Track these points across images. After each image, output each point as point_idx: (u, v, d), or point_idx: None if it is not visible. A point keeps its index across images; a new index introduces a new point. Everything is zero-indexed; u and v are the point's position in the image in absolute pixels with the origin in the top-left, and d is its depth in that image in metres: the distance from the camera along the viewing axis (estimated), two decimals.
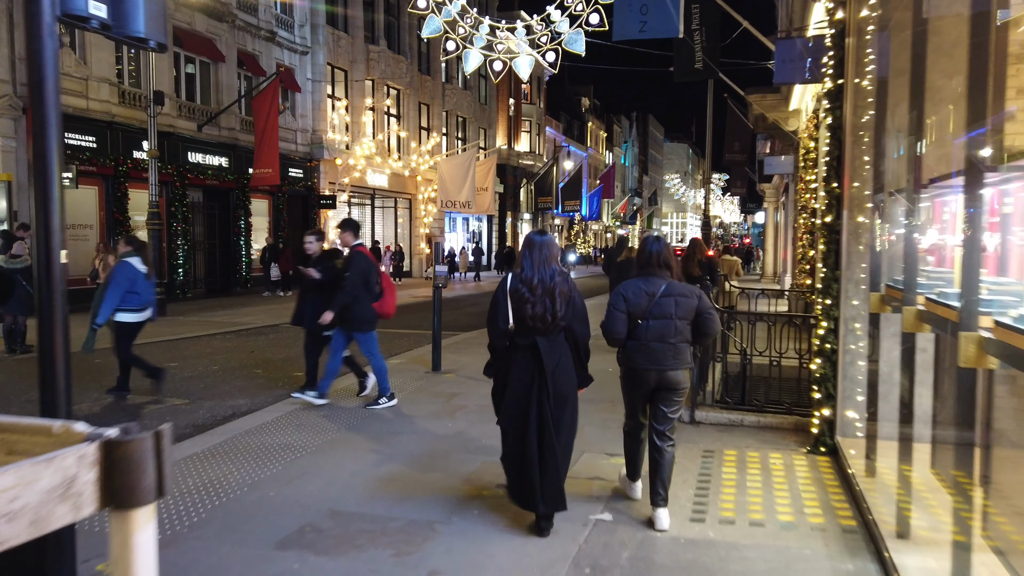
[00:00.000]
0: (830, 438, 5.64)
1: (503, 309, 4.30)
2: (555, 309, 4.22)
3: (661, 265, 4.50)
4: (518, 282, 4.28)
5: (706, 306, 4.47)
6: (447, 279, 8.82)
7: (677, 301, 4.40)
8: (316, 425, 6.62)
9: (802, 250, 15.65)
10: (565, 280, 4.31)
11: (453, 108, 38.84)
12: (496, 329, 4.37)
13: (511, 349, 4.34)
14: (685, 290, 4.47)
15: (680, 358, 4.42)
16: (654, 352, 4.38)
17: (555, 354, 4.26)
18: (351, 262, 7.39)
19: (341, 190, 28.43)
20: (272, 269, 22.65)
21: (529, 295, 4.22)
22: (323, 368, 7.59)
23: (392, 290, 7.91)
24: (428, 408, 7.36)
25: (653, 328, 4.38)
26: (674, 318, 4.39)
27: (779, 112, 16.30)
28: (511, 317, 4.26)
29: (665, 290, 4.40)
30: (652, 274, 4.49)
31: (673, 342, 4.39)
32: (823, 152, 5.86)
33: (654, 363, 4.39)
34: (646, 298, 4.39)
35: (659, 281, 4.44)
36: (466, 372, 9.44)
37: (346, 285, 7.25)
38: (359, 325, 7.49)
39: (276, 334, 13.79)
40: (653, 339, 4.39)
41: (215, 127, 22.72)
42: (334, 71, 29.01)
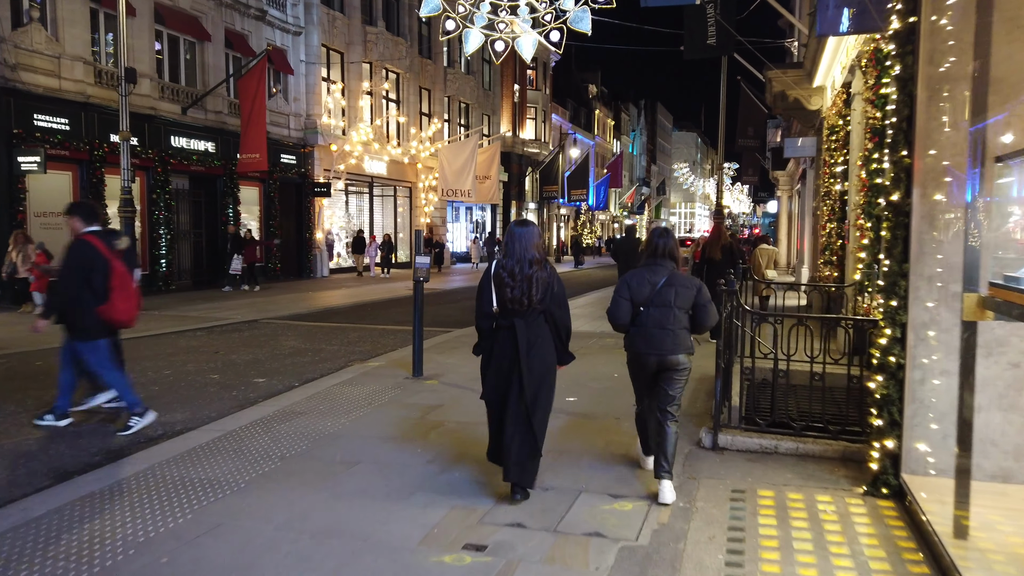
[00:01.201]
0: (894, 476, 4.43)
1: (487, 293, 4.61)
2: (531, 293, 4.50)
3: (665, 256, 4.76)
4: (500, 268, 4.58)
5: (704, 298, 4.70)
6: (429, 272, 7.56)
7: (677, 291, 4.65)
8: (257, 451, 5.45)
9: (825, 240, 14.43)
10: (544, 267, 4.56)
11: (455, 93, 37.55)
12: (481, 311, 4.67)
13: (495, 329, 4.63)
14: (686, 281, 4.73)
15: (679, 343, 4.67)
16: (654, 338, 4.67)
17: (531, 334, 4.55)
18: (67, 254, 6.03)
19: (336, 177, 27.24)
20: (234, 261, 20.22)
21: (509, 280, 4.52)
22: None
23: (128, 292, 6.17)
24: (397, 426, 6.18)
25: (653, 315, 4.67)
26: (673, 307, 4.65)
27: (801, 89, 15.01)
28: (495, 300, 4.56)
29: (667, 280, 4.67)
30: (656, 264, 4.75)
31: (672, 329, 4.66)
32: (887, 114, 4.63)
33: (654, 348, 4.68)
34: (648, 287, 4.68)
35: (662, 271, 4.71)
36: (451, 378, 8.26)
37: (59, 283, 6.05)
38: (78, 333, 6.06)
39: (252, 331, 12.65)
40: (653, 326, 4.67)
41: (201, 110, 21.54)
42: (329, 53, 27.76)
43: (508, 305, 4.53)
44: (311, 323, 13.92)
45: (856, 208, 9.18)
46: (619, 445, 5.67)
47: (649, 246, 4.84)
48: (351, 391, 7.51)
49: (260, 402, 7.16)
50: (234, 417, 6.49)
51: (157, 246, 19.87)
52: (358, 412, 6.63)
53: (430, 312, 16.26)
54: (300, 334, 12.30)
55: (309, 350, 10.58)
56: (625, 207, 79.21)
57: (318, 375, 8.63)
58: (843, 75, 11.59)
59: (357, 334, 12.44)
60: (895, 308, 4.39)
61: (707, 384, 7.87)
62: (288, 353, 10.27)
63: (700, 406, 6.91)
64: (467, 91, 38.73)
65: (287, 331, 12.68)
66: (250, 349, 10.55)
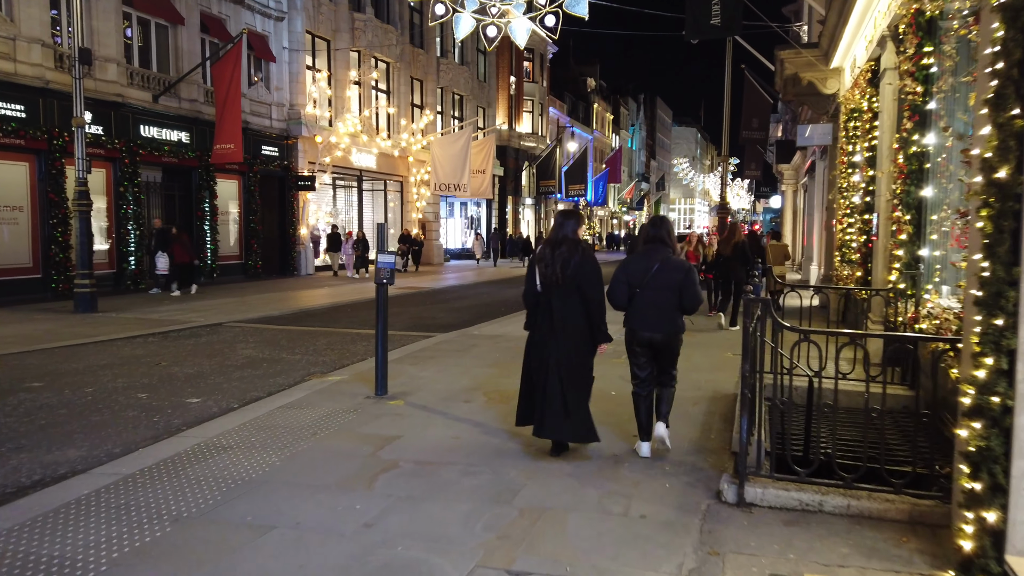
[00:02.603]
0: (996, 561, 3.21)
1: (532, 273, 5.20)
2: (561, 270, 5.00)
3: (658, 241, 5.22)
4: (541, 249, 5.20)
5: (689, 280, 5.11)
6: (393, 274, 6.31)
7: (668, 275, 5.10)
8: (147, 509, 4.22)
9: (842, 235, 13.22)
10: (576, 249, 5.04)
11: (449, 85, 36.24)
12: (527, 288, 5.24)
13: (537, 305, 5.20)
14: (676, 264, 5.16)
15: (671, 322, 5.14)
16: (647, 316, 5.12)
17: (565, 309, 5.05)
18: None
19: (322, 170, 25.97)
20: (159, 260, 17.61)
21: (545, 258, 5.10)
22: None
23: None
24: (339, 467, 4.95)
25: (647, 296, 5.12)
26: (664, 288, 5.09)
27: (816, 71, 13.76)
28: (539, 279, 5.13)
29: (660, 265, 5.12)
30: (651, 250, 5.21)
31: (663, 308, 5.11)
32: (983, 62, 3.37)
33: (646, 326, 5.12)
34: (643, 270, 5.15)
35: (656, 256, 5.16)
36: (420, 397, 7.03)
37: None
38: None
39: (210, 337, 11.41)
40: (647, 305, 5.12)
41: (174, 98, 20.26)
42: (315, 40, 26.48)
43: (545, 281, 5.11)
44: (280, 327, 12.69)
45: (891, 198, 7.97)
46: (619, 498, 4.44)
47: (644, 233, 5.49)
48: (297, 416, 6.28)
49: (183, 431, 5.93)
50: (140, 454, 5.25)
51: (125, 243, 18.62)
52: (297, 446, 5.40)
53: (413, 313, 15.07)
54: (262, 340, 11.06)
55: (266, 360, 9.35)
56: (624, 203, 77.94)
57: (265, 393, 7.40)
58: (868, 51, 10.35)
59: (326, 340, 11.20)
60: (1000, 329, 3.15)
61: (721, 405, 6.65)
62: (240, 364, 9.03)
63: (715, 438, 5.68)
64: (461, 82, 37.43)
65: (250, 336, 11.45)
66: (198, 359, 9.31)
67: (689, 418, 6.25)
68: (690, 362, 7.95)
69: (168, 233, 17.74)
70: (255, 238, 23.34)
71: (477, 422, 6.10)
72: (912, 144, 7.53)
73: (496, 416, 6.31)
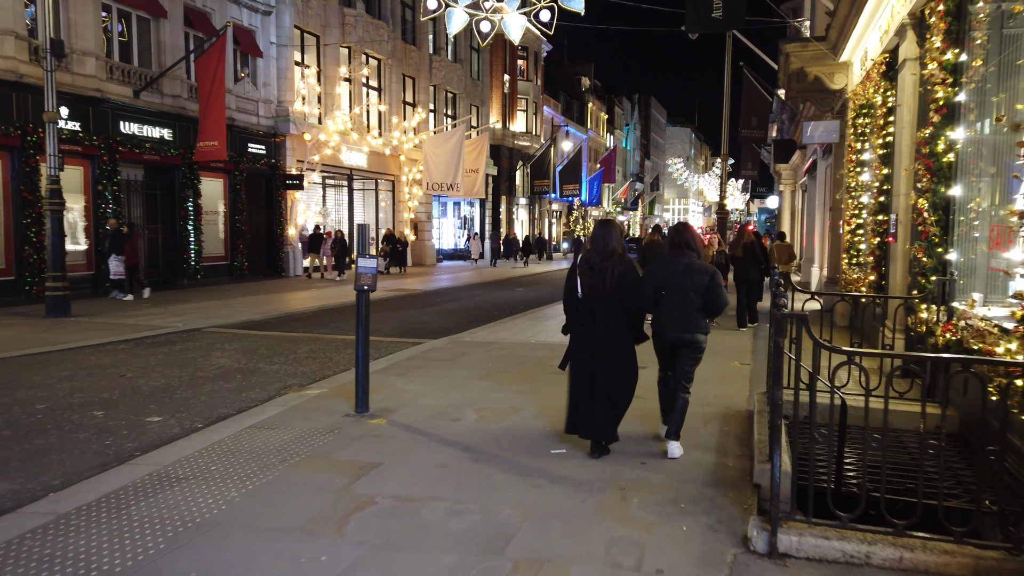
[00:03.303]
0: None
1: (573, 282, 5.39)
2: (607, 282, 5.21)
3: (684, 246, 5.47)
4: (584, 260, 5.38)
5: (714, 283, 5.33)
6: (375, 279, 5.66)
7: (693, 278, 5.33)
8: (75, 561, 3.58)
9: (850, 237, 12.65)
10: (620, 261, 5.26)
11: (441, 82, 35.59)
12: (567, 296, 5.45)
13: (579, 312, 5.38)
14: (701, 268, 5.39)
15: (694, 324, 5.34)
16: (672, 317, 5.36)
17: (608, 317, 5.25)
18: None
19: (311, 169, 25.29)
20: (112, 263, 16.43)
21: (589, 270, 5.30)
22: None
23: None
24: (310, 502, 4.33)
25: (672, 298, 5.36)
26: (688, 291, 5.31)
27: (823, 66, 13.19)
28: (579, 287, 5.32)
29: (685, 268, 5.37)
30: (677, 254, 5.48)
31: (687, 310, 5.33)
32: None
33: (670, 327, 5.37)
34: (669, 273, 5.40)
35: (682, 260, 5.42)
36: (405, 414, 6.41)
37: None
38: None
39: (185, 344, 10.76)
40: (672, 307, 5.36)
41: (156, 94, 19.57)
42: (303, 35, 25.79)
43: (588, 291, 5.27)
44: (261, 332, 12.04)
45: (917, 197, 7.38)
46: None
47: (671, 238, 5.63)
48: (266, 438, 5.65)
49: (136, 457, 5.29)
50: (81, 487, 4.61)
51: (103, 243, 17.90)
52: (262, 476, 4.77)
53: (402, 317, 14.44)
54: (240, 348, 10.41)
55: (241, 371, 8.70)
56: (619, 203, 77.43)
57: (235, 410, 6.76)
58: (883, 42, 9.78)
59: (309, 347, 10.57)
60: None
61: (735, 424, 6.05)
62: (212, 376, 8.38)
63: (733, 465, 5.07)
64: (454, 80, 36.78)
65: (227, 344, 10.80)
66: (168, 370, 8.65)
67: (701, 440, 5.65)
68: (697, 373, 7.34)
69: (120, 234, 16.55)
70: (241, 238, 22.66)
71: (466, 446, 5.48)
72: (939, 139, 6.95)
73: (488, 438, 5.69)
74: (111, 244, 16.57)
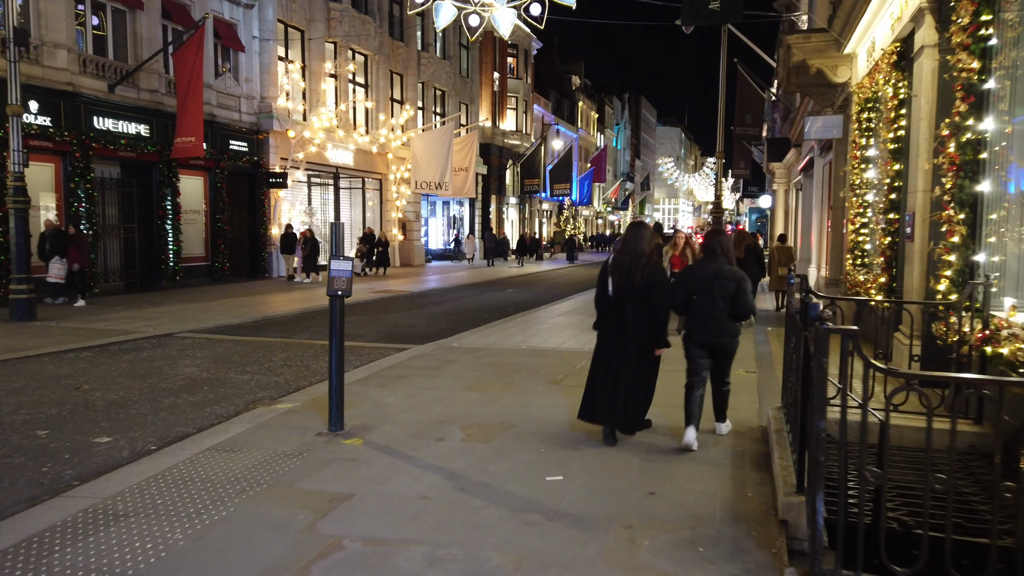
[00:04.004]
0: None
1: (604, 279, 5.66)
2: (635, 281, 5.43)
3: (717, 252, 5.65)
4: (615, 260, 5.62)
5: (741, 289, 5.48)
6: (351, 283, 5.00)
7: (721, 283, 5.50)
8: None
9: (854, 237, 12.12)
10: (649, 261, 5.49)
11: (430, 79, 34.93)
12: (599, 294, 5.72)
13: (608, 310, 5.63)
14: (730, 274, 5.55)
15: (723, 327, 5.53)
16: (702, 322, 5.55)
17: (636, 315, 5.46)
18: None
19: (295, 167, 24.58)
20: (54, 266, 14.97)
21: (618, 269, 5.54)
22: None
23: None
24: (267, 547, 3.70)
25: (702, 303, 5.55)
26: (717, 296, 5.50)
27: (826, 58, 12.65)
28: (611, 287, 5.57)
29: (715, 273, 5.56)
30: (709, 260, 5.67)
31: (716, 315, 5.51)
32: None
33: (701, 330, 5.57)
34: (699, 278, 5.61)
35: (713, 266, 5.61)
36: (384, 432, 5.78)
37: None
38: None
39: (154, 351, 10.09)
40: (702, 311, 5.56)
41: (133, 88, 18.84)
42: (287, 30, 25.10)
43: (619, 290, 5.48)
44: (236, 338, 11.38)
45: (941, 194, 6.82)
46: None
47: (705, 244, 5.82)
48: (226, 463, 5.02)
49: (73, 488, 4.64)
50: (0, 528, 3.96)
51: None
52: (214, 512, 4.14)
53: (387, 321, 13.79)
54: (212, 355, 9.76)
55: (208, 381, 8.05)
56: (609, 202, 76.97)
57: (195, 428, 6.12)
58: (894, 31, 9.23)
59: (285, 354, 9.91)
60: None
61: (748, 444, 5.46)
62: (176, 387, 7.73)
63: (753, 496, 4.47)
64: (443, 77, 36.12)
65: (199, 350, 10.14)
66: (129, 381, 7.99)
67: (714, 464, 5.05)
68: None
69: (64, 235, 15.19)
70: (222, 239, 21.92)
71: (451, 472, 4.87)
72: (966, 130, 6.39)
73: (475, 462, 5.08)
74: (52, 245, 15.04)
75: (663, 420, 6.10)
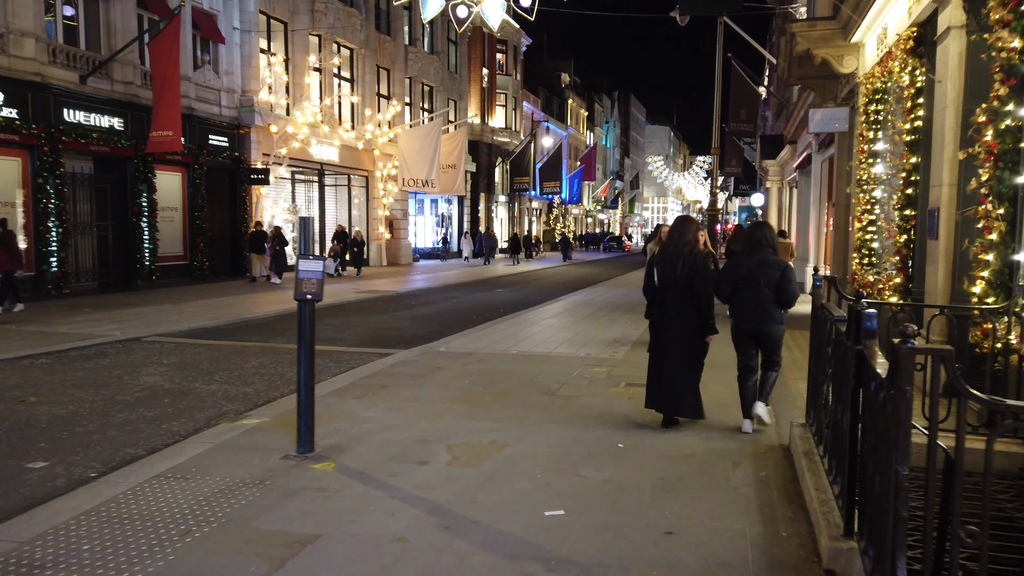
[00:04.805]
0: None
1: (651, 271, 6.05)
2: (679, 269, 5.75)
3: (761, 243, 5.87)
4: (660, 250, 6.01)
5: (787, 278, 5.70)
6: (321, 285, 4.30)
7: (767, 272, 5.71)
8: None
9: (861, 235, 11.56)
10: (692, 252, 5.79)
11: (418, 75, 34.19)
12: (647, 284, 6.16)
13: (654, 300, 6.09)
14: (774, 263, 5.76)
15: (768, 315, 5.74)
16: (748, 310, 5.78)
17: (681, 304, 5.79)
18: None
19: (277, 163, 23.81)
20: None
21: (663, 260, 5.88)
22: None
23: None
24: None
25: (747, 292, 5.77)
26: (762, 284, 5.71)
27: (832, 47, 12.05)
28: (656, 277, 5.94)
29: (759, 263, 5.76)
30: (753, 251, 5.87)
31: (761, 302, 5.72)
32: None
33: (746, 318, 5.81)
34: (744, 269, 5.82)
35: (757, 256, 5.81)
36: (358, 456, 5.11)
37: None
38: None
39: (117, 357, 9.36)
40: (747, 299, 5.77)
41: (106, 79, 18.04)
42: (270, 21, 24.34)
43: (664, 279, 5.89)
44: (209, 342, 10.67)
45: (978, 187, 6.21)
46: None
47: (750, 236, 6.09)
48: (175, 493, 4.33)
49: None
50: None
51: (45, 242, 16.36)
52: (148, 564, 3.46)
53: (371, 323, 13.09)
54: (179, 362, 9.04)
55: (171, 392, 7.34)
56: (599, 201, 76.44)
57: (147, 450, 5.43)
58: (911, 14, 8.63)
59: (259, 360, 9.21)
60: None
61: (772, 467, 4.83)
62: (134, 400, 7.02)
63: (787, 534, 3.83)
64: (431, 73, 35.39)
65: (166, 356, 9.42)
66: (83, 392, 7.27)
67: (737, 493, 4.42)
68: (707, 393, 6.18)
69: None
70: (202, 237, 21.14)
71: (434, 505, 4.21)
72: (1006, 116, 5.78)
73: (463, 491, 4.42)
74: None
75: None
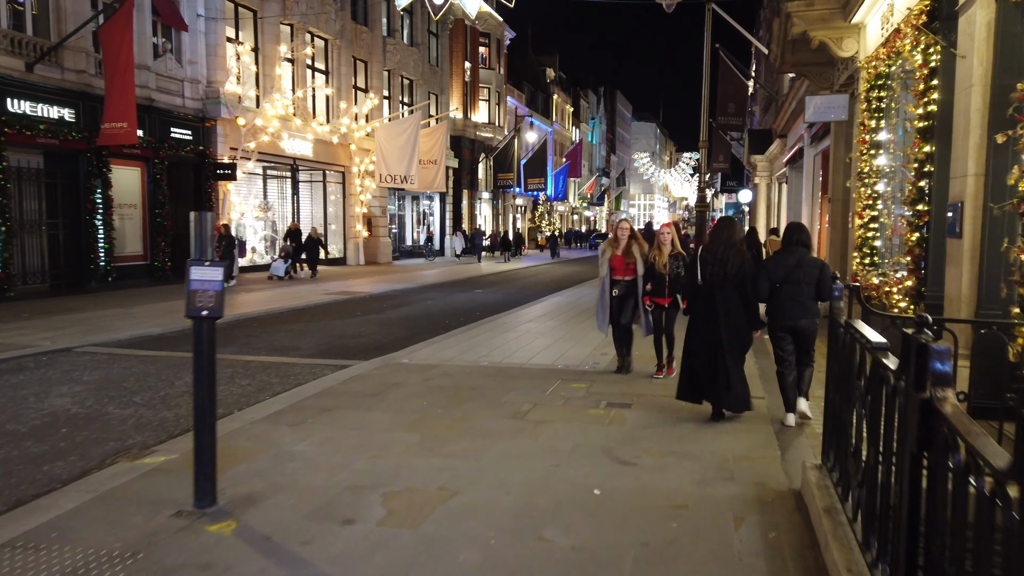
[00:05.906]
0: None
1: (695, 270, 6.28)
2: (725, 269, 6.06)
3: (798, 243, 6.08)
4: (705, 251, 6.24)
5: (825, 275, 5.88)
6: (221, 297, 3.24)
7: (805, 270, 5.93)
8: None
9: (862, 232, 10.67)
10: (739, 252, 6.14)
11: (396, 67, 33.07)
12: (691, 282, 6.42)
13: (697, 298, 6.27)
14: (813, 262, 6.02)
15: (807, 312, 5.96)
16: (787, 307, 5.97)
17: (727, 301, 6.05)
18: None
19: (246, 158, 22.67)
20: None
21: (710, 259, 6.15)
22: None
23: None
24: None
25: (786, 290, 5.97)
26: (801, 283, 5.93)
27: (831, 28, 11.13)
28: (700, 275, 6.20)
29: (797, 262, 5.97)
30: (790, 250, 6.07)
31: (800, 299, 5.94)
32: None
33: (785, 316, 5.99)
34: (783, 268, 6.00)
35: (794, 256, 6.01)
36: (269, 509, 4.10)
37: None
38: None
39: (37, 372, 8.28)
40: (786, 298, 5.98)
41: (55, 68, 16.87)
42: (238, 8, 23.20)
43: (708, 278, 6.13)
44: (148, 352, 9.60)
45: (1019, 175, 5.29)
46: None
47: (786, 236, 6.31)
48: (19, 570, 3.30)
49: None
50: None
51: None
52: None
53: (333, 329, 11.96)
54: (102, 379, 7.98)
55: (75, 419, 6.28)
56: (585, 197, 75.54)
57: (9, 503, 4.36)
58: None
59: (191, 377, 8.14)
60: None
61: (783, 522, 3.86)
62: (27, 430, 5.95)
63: None
64: (410, 65, 34.28)
65: (89, 371, 8.35)
66: None
67: (742, 569, 3.44)
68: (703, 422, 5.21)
69: None
70: (163, 235, 19.99)
71: None
72: None
73: (389, 567, 3.42)
74: None
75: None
